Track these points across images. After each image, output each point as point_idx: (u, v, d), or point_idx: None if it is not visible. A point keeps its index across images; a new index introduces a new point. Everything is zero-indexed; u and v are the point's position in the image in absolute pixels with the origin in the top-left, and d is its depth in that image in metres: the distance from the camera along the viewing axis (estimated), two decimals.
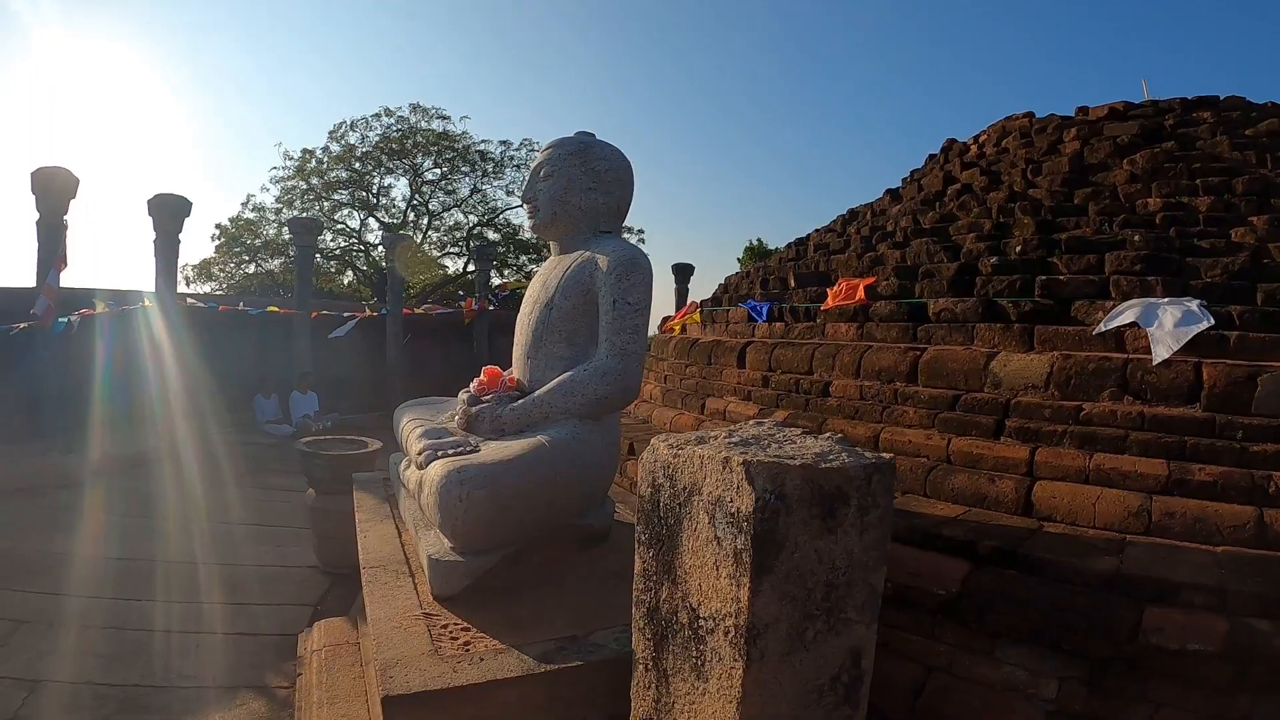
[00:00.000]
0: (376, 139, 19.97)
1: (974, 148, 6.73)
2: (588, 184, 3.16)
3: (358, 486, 4.08)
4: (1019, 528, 2.78)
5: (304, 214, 18.57)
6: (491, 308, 12.11)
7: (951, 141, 7.40)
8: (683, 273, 15.03)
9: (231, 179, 48.04)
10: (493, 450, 2.72)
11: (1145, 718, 2.33)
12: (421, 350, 11.18)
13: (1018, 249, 4.01)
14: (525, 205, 3.30)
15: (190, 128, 43.10)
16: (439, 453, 2.77)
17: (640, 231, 22.35)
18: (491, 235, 21.46)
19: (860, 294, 4.70)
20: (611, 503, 3.38)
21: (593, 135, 3.34)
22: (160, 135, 44.23)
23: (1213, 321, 2.90)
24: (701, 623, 1.59)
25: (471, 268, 20.66)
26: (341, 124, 20.17)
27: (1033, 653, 2.46)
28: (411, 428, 3.27)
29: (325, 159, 20.04)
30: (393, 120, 20.09)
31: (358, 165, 19.97)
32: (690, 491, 1.62)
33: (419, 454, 2.84)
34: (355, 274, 21.62)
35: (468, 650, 2.17)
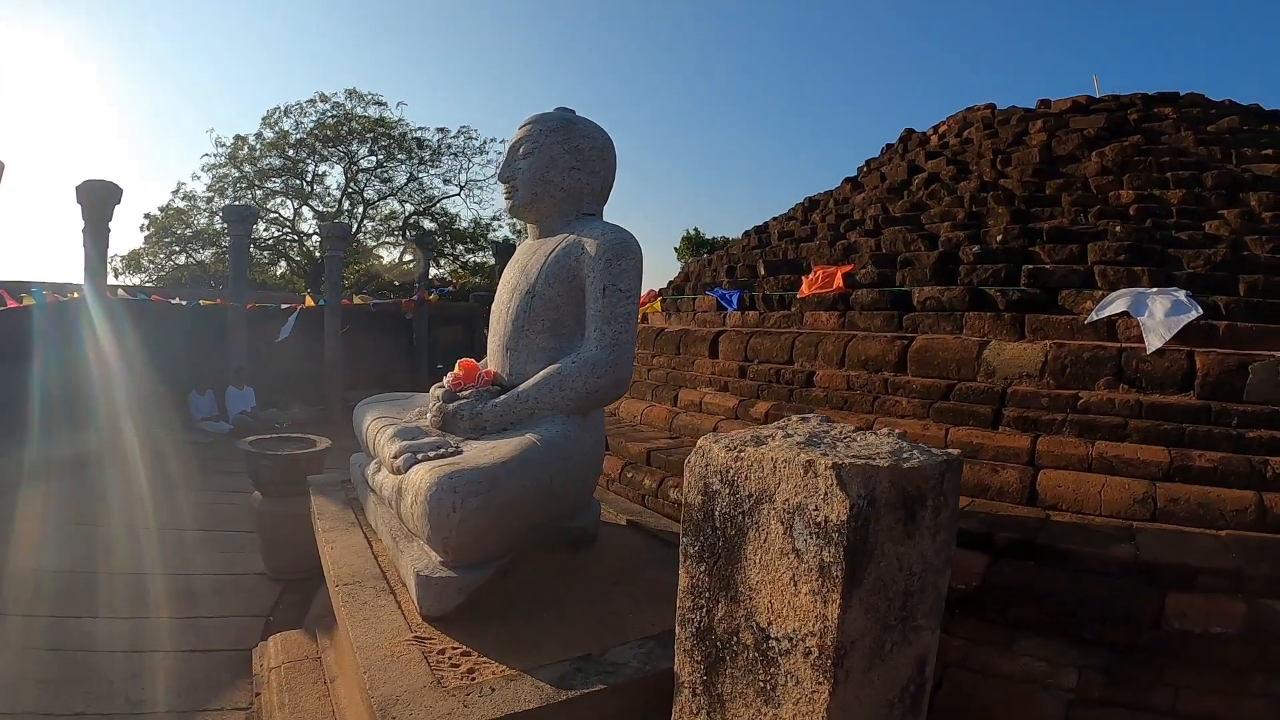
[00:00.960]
0: (311, 125, 19.78)
1: (934, 138, 6.83)
2: (570, 162, 2.97)
3: (315, 491, 3.73)
4: (1028, 517, 2.77)
5: (237, 202, 18.20)
6: (432, 296, 11.85)
7: (910, 132, 7.50)
8: None
9: (161, 167, 45.46)
10: (478, 451, 2.50)
11: (1165, 700, 2.35)
12: (359, 342, 10.88)
13: (998, 238, 4.05)
14: (502, 185, 3.06)
15: (117, 114, 40.07)
16: (419, 455, 2.53)
17: None
18: (428, 224, 21.42)
19: (838, 282, 4.65)
20: (597, 503, 3.21)
21: (573, 111, 3.13)
22: (87, 122, 41.03)
23: (1201, 311, 2.96)
24: (773, 644, 1.43)
25: (409, 257, 20.83)
26: (275, 110, 19.89)
27: (1051, 644, 2.44)
28: (379, 427, 2.99)
29: (258, 145, 19.73)
30: (328, 106, 19.92)
31: (291, 152, 19.75)
32: (758, 499, 1.46)
33: (395, 457, 2.59)
34: (289, 265, 21.31)
35: (473, 679, 1.95)
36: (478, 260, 21.98)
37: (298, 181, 20.18)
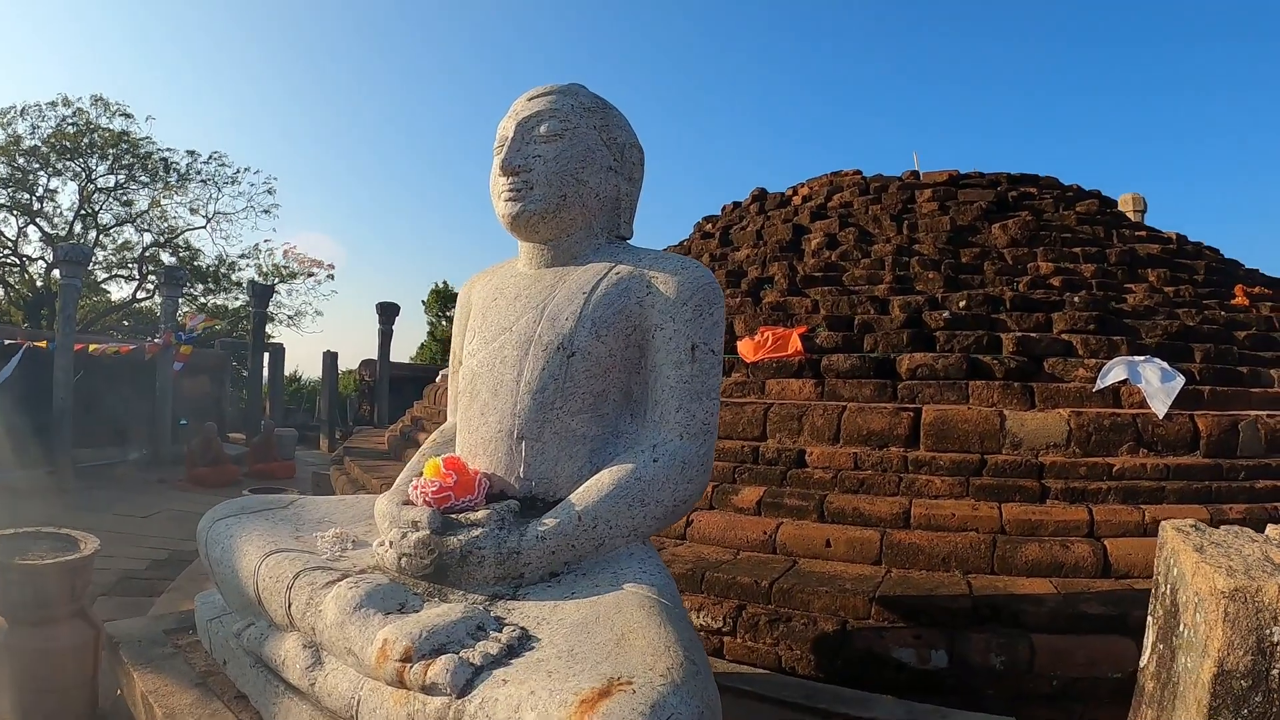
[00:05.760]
0: (49, 132, 19.16)
1: (797, 199, 7.66)
2: (608, 160, 2.42)
3: (135, 660, 2.75)
4: (1120, 591, 3.13)
5: None
6: (186, 348, 11.14)
7: (763, 191, 8.32)
8: (387, 312, 14.44)
9: None
10: (575, 632, 1.76)
11: None
12: (93, 392, 10.24)
13: (961, 304, 4.64)
14: (503, 180, 2.35)
15: None
16: (466, 654, 1.67)
17: (331, 266, 23.46)
18: (167, 258, 21.44)
19: (796, 345, 4.86)
20: None
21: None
22: None
23: (1184, 379, 3.74)
24: None
25: (142, 294, 21.11)
26: (10, 109, 19.06)
27: None
28: (294, 571, 2.09)
29: None
30: (70, 112, 19.36)
31: (22, 161, 19.07)
32: None
33: (405, 660, 1.68)
34: (6, 293, 20.79)
35: None
36: (219, 302, 22.42)
37: (25, 195, 19.43)
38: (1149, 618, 1.97)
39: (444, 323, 25.24)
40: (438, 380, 8.84)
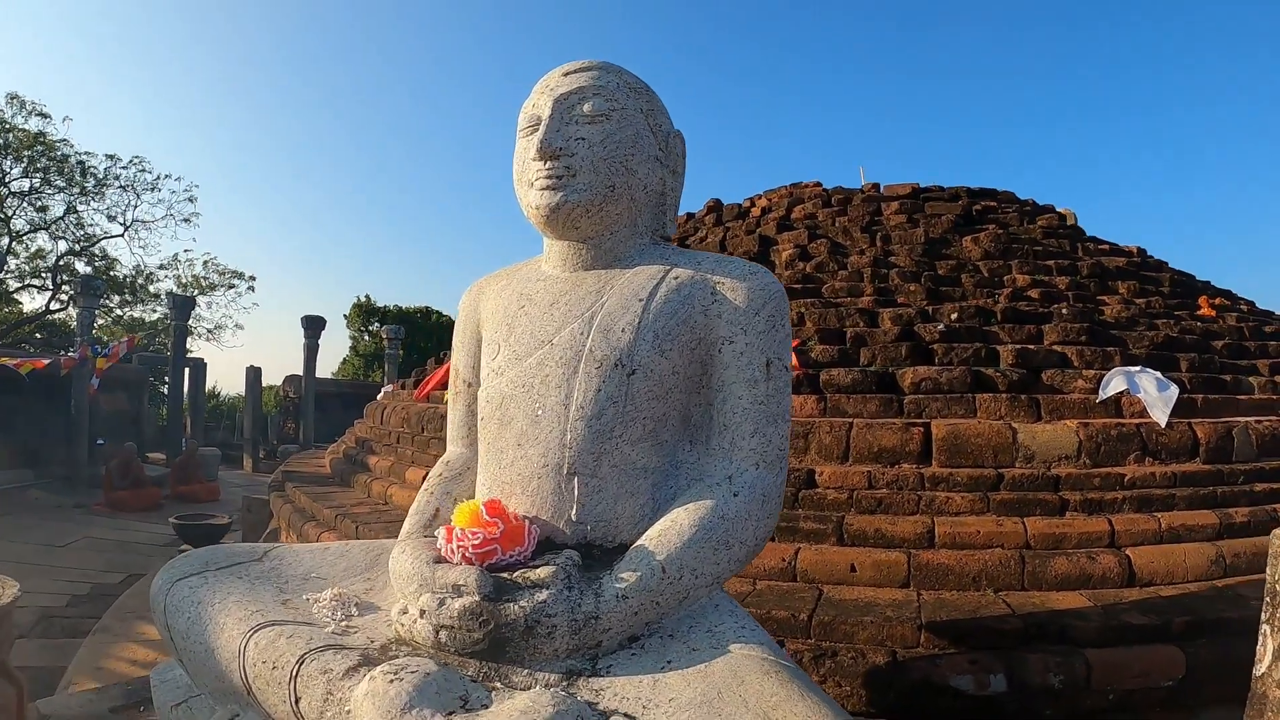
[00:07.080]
0: None
1: (756, 211, 7.75)
2: (654, 149, 2.20)
3: None
4: (1151, 599, 3.27)
5: None
6: (102, 360, 10.91)
7: (718, 202, 8.38)
8: (314, 326, 14.14)
9: None
10: (675, 712, 1.54)
11: None
12: (3, 409, 10.14)
13: (952, 315, 4.78)
14: (544, 163, 2.10)
15: None
16: None
17: (252, 278, 23.41)
18: (82, 267, 21.17)
19: (792, 359, 4.87)
20: None
21: None
22: None
23: (1178, 388, 3.97)
24: None
25: (56, 305, 20.74)
26: None
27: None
28: (291, 651, 1.75)
29: None
30: None
31: None
32: None
33: None
34: None
35: None
36: (136, 315, 22.56)
37: None
38: (1264, 625, 2.04)
39: (366, 337, 24.72)
40: (380, 397, 8.41)
